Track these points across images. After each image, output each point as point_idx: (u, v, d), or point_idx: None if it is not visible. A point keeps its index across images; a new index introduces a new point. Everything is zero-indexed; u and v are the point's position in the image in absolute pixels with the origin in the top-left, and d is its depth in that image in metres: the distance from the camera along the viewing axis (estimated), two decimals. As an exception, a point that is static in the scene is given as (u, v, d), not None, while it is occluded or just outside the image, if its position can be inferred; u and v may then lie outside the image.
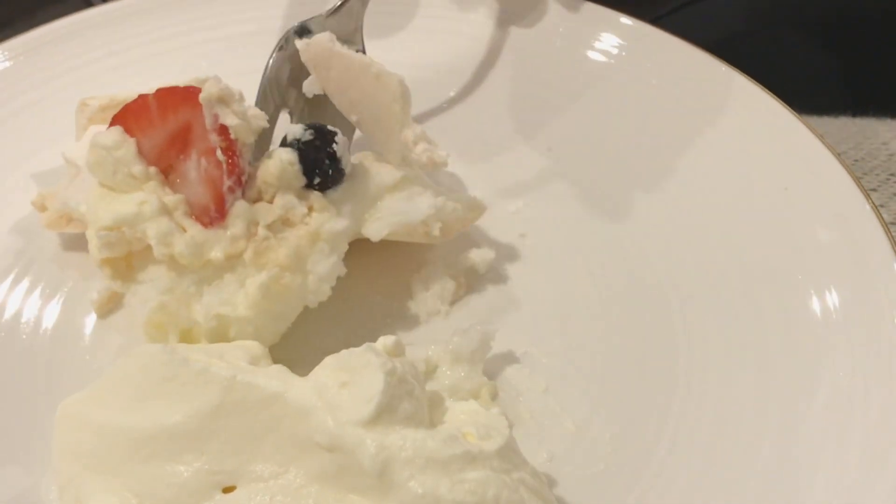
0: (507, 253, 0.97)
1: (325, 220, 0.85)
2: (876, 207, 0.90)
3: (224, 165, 0.82)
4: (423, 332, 0.90)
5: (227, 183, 0.82)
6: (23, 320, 0.90)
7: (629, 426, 0.82)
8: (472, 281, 0.94)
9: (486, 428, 0.72)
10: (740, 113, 1.02)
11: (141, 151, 0.82)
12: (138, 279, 0.84)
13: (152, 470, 0.70)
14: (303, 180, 0.85)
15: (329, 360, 0.73)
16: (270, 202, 0.85)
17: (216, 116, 0.82)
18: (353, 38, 1.01)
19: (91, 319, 0.91)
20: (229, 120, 0.82)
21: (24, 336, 0.89)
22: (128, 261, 0.84)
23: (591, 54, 1.11)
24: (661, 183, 1.00)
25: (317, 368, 0.73)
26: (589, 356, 0.88)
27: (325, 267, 0.85)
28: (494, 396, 0.84)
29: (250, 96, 0.96)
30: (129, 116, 0.83)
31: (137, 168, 0.82)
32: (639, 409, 0.84)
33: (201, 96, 0.81)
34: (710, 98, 1.04)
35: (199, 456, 0.70)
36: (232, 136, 0.82)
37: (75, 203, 0.89)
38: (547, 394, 0.85)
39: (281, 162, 0.84)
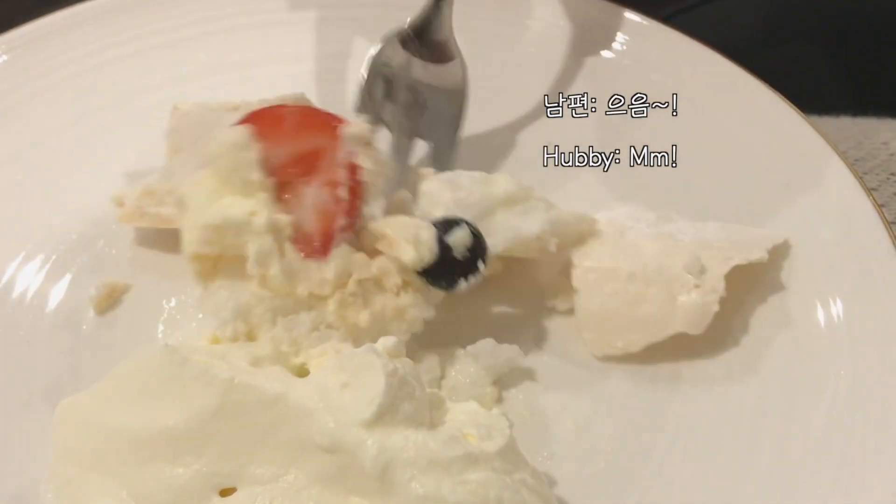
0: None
1: (415, 303, 0.82)
2: (878, 205, 0.90)
3: (344, 204, 0.79)
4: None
5: (342, 222, 0.80)
6: (21, 316, 0.89)
7: (629, 426, 0.83)
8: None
9: (486, 428, 0.72)
10: (743, 109, 1.02)
11: (263, 159, 0.79)
12: (218, 283, 0.81)
13: (150, 472, 0.70)
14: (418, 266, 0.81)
15: (329, 361, 0.73)
16: (371, 258, 0.82)
17: (352, 154, 0.80)
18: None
19: (89, 316, 0.90)
20: (364, 162, 0.80)
21: (22, 332, 0.88)
22: (215, 261, 0.81)
23: (596, 49, 1.10)
24: (664, 179, 0.99)
25: (316, 369, 0.73)
26: (590, 355, 0.87)
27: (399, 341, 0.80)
28: (497, 401, 0.84)
29: (250, 93, 0.96)
30: (263, 122, 0.80)
31: (256, 175, 0.79)
32: (639, 408, 0.84)
33: (346, 129, 0.80)
34: (713, 94, 1.04)
35: (198, 458, 0.70)
36: (360, 178, 0.80)
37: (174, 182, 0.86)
38: (547, 392, 0.86)
39: (419, 247, 0.80)
